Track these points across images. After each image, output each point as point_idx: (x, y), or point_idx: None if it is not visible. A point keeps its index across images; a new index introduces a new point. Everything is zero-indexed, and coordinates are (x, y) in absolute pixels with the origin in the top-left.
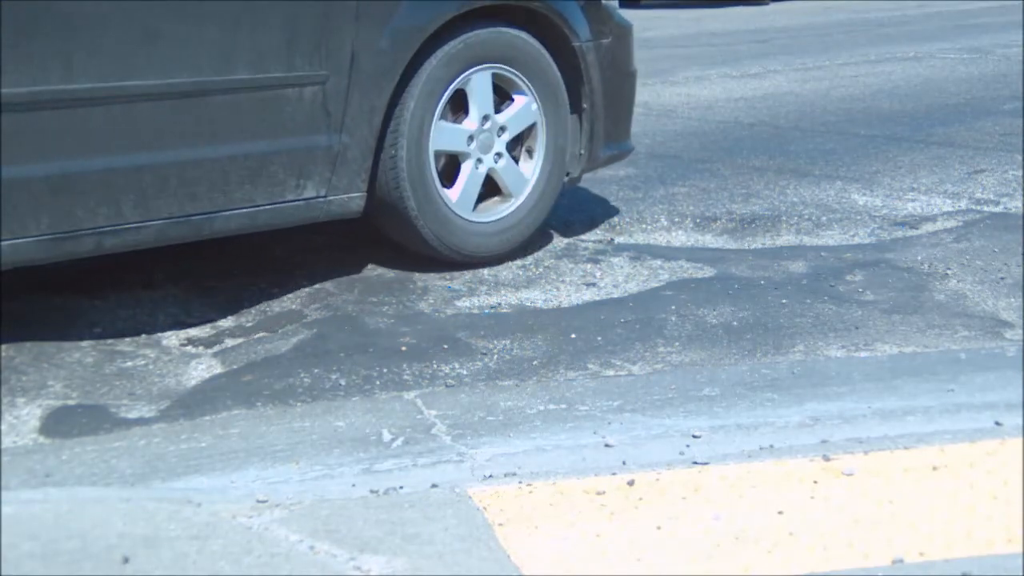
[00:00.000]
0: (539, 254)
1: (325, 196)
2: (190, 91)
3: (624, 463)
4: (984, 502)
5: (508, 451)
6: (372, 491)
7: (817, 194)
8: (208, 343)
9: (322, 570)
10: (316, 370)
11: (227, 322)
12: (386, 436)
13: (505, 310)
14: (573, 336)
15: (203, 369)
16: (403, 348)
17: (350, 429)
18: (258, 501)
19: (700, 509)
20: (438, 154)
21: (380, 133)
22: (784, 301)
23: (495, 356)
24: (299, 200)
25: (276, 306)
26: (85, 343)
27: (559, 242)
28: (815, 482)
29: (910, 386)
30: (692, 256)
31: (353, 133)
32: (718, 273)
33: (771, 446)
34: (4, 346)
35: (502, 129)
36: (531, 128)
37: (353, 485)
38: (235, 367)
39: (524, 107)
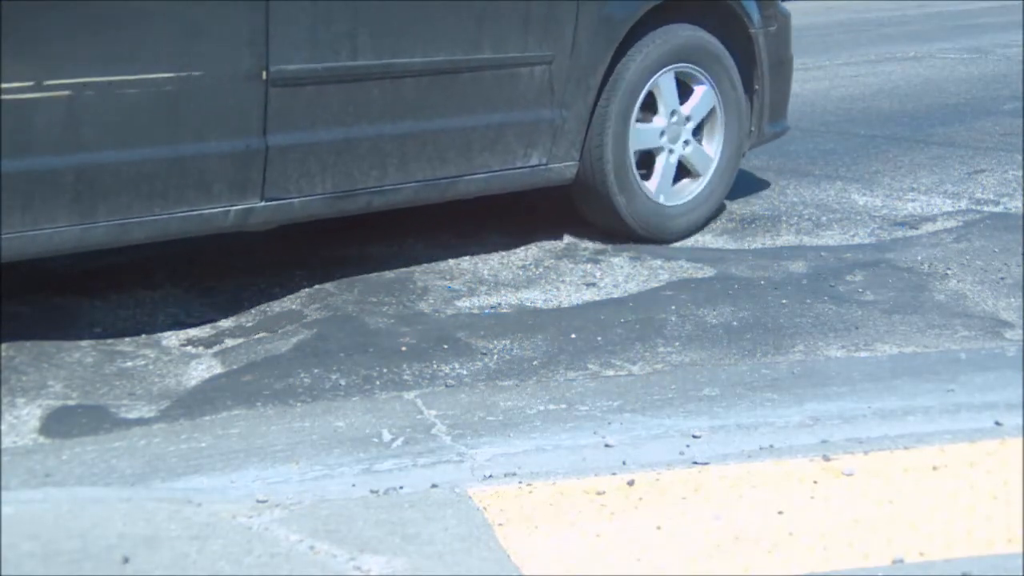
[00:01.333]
0: (539, 254)
1: (546, 164)
2: (445, 68)
3: (624, 463)
4: (984, 502)
5: (508, 451)
6: (372, 491)
7: (817, 194)
8: (208, 343)
9: (322, 570)
10: (316, 370)
11: (227, 322)
12: (386, 436)
13: (505, 310)
14: (573, 336)
15: (203, 369)
16: (403, 348)
17: (350, 429)
18: (258, 501)
19: (700, 509)
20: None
21: (592, 109)
22: (784, 301)
23: (495, 356)
24: (525, 167)
25: (276, 306)
26: (85, 343)
27: (559, 242)
28: (815, 482)
29: (910, 386)
30: (692, 256)
31: (571, 108)
32: (718, 273)
33: (771, 446)
34: (4, 346)
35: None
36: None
37: (353, 485)
38: (235, 367)
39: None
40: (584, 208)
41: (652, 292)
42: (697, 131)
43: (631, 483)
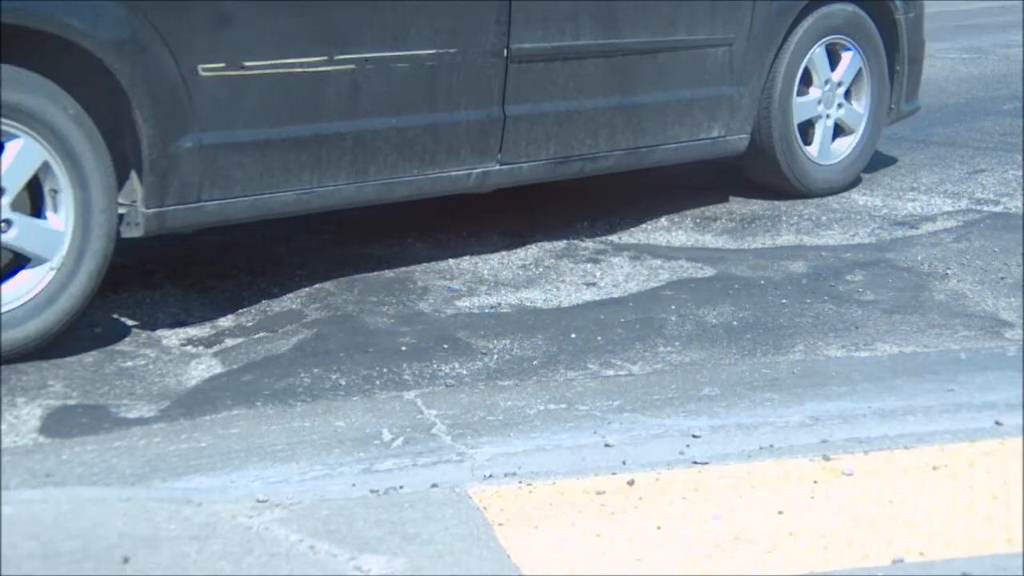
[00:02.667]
0: (539, 254)
1: (724, 136)
2: (647, 48)
3: (624, 463)
4: (984, 502)
5: (508, 451)
6: (372, 491)
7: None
8: (208, 343)
9: (322, 570)
10: (316, 370)
11: (227, 322)
12: (386, 436)
13: (505, 310)
14: (573, 336)
15: (203, 369)
16: (403, 348)
17: (350, 429)
18: (258, 501)
19: (700, 509)
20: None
21: (763, 86)
22: (784, 301)
23: (495, 356)
24: (708, 139)
25: (276, 306)
26: (85, 343)
27: (559, 242)
28: (815, 482)
29: (910, 386)
30: (692, 256)
31: (746, 85)
32: (718, 273)
33: (771, 446)
34: None
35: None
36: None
37: (353, 485)
38: (235, 367)
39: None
40: (753, 173)
41: (652, 292)
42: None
43: (631, 483)
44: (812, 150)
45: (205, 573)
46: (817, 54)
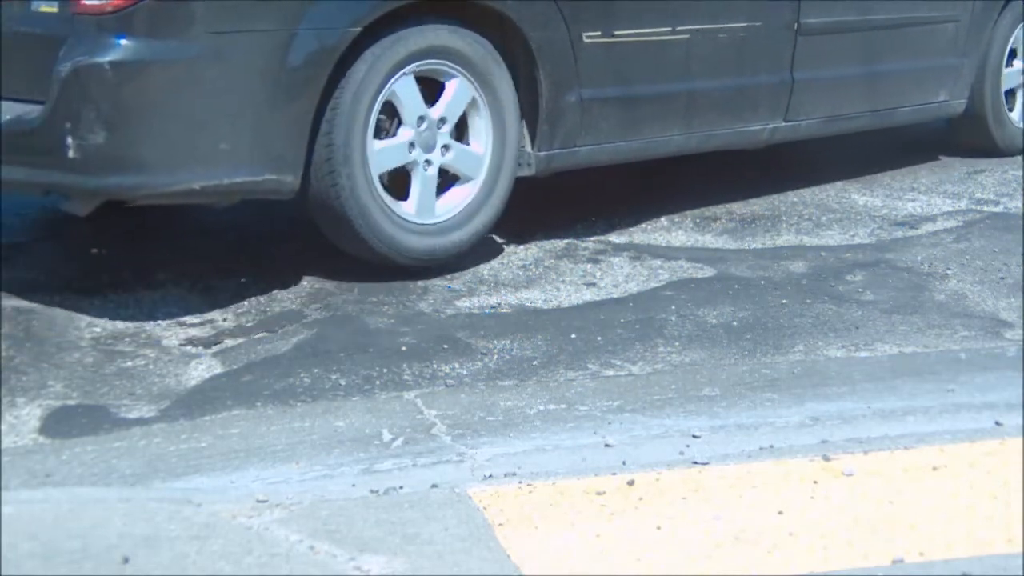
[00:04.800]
0: (539, 254)
1: (947, 101)
2: (897, 23)
3: (624, 463)
4: (984, 502)
5: (508, 451)
6: (372, 491)
7: (817, 194)
8: (208, 343)
9: (322, 570)
10: (316, 370)
11: (227, 322)
12: (386, 436)
13: (505, 310)
14: (573, 336)
15: (203, 369)
16: (403, 348)
17: (350, 429)
18: (258, 501)
19: (700, 509)
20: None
21: (981, 59)
22: (784, 301)
23: (495, 356)
24: (935, 102)
25: (276, 306)
26: (85, 343)
27: (559, 242)
28: (815, 482)
29: (910, 386)
30: (692, 256)
31: (968, 57)
32: (718, 273)
33: (771, 446)
34: (4, 346)
35: None
36: None
37: (353, 485)
38: (235, 367)
39: None
40: (962, 135)
41: (652, 292)
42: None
43: (631, 483)
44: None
45: (205, 573)
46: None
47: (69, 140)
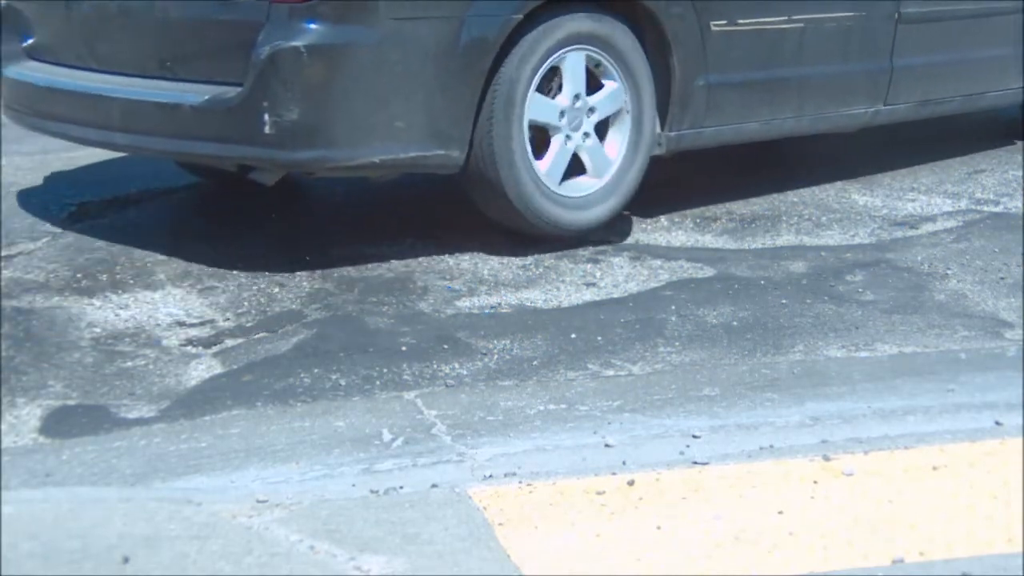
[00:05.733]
0: (539, 254)
1: (1013, 88)
2: (981, 13)
3: (624, 463)
4: (984, 502)
5: (508, 451)
6: (372, 491)
7: (817, 194)
8: (208, 343)
9: (322, 570)
10: (316, 370)
11: (227, 322)
12: (386, 436)
13: (505, 310)
14: (573, 336)
15: (203, 369)
16: (403, 348)
17: (350, 429)
18: (258, 501)
19: (700, 509)
20: None
21: None
22: (784, 301)
23: (495, 356)
24: (1011, 89)
25: (276, 306)
26: (85, 343)
27: (559, 242)
28: (815, 482)
29: (910, 386)
30: (692, 256)
31: None
32: (718, 273)
33: (771, 446)
34: (4, 346)
35: None
36: None
37: (353, 485)
38: (235, 367)
39: None
40: None
41: (652, 292)
42: None
43: (631, 483)
44: None
45: (205, 573)
46: None
47: (266, 117)
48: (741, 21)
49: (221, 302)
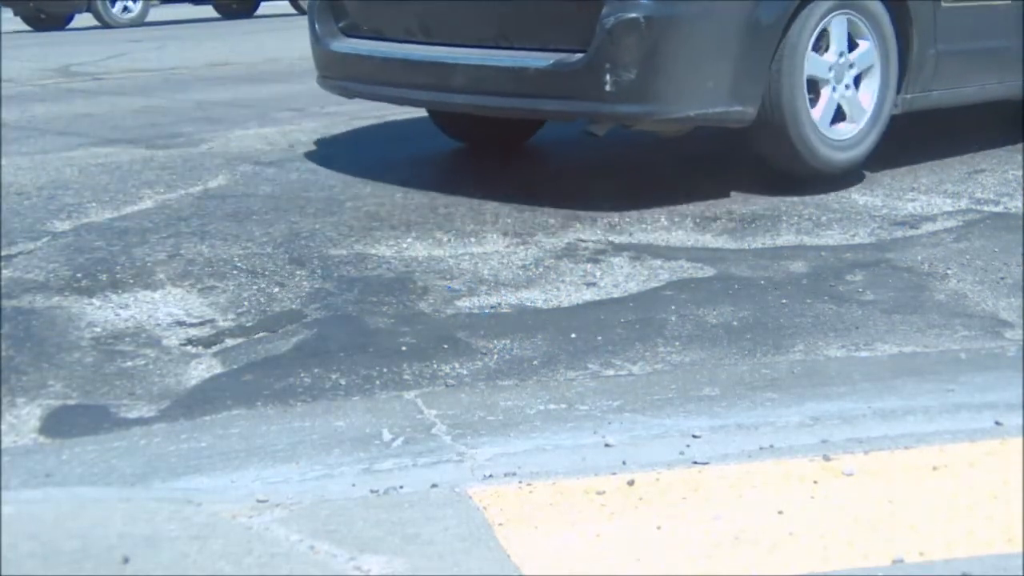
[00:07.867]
0: (539, 254)
1: None
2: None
3: (624, 463)
4: (984, 502)
5: (508, 451)
6: (372, 491)
7: (817, 194)
8: (208, 343)
9: (322, 570)
10: (316, 370)
11: (227, 322)
12: (386, 436)
13: (505, 310)
14: (573, 336)
15: (203, 369)
16: (403, 348)
17: (350, 429)
18: (258, 501)
19: (700, 509)
20: None
21: None
22: (784, 301)
23: (495, 356)
24: None
25: (276, 306)
26: (85, 343)
27: (559, 242)
28: (815, 482)
29: (910, 386)
30: (692, 256)
31: None
32: (718, 273)
33: (771, 446)
34: (4, 346)
35: None
36: None
37: (353, 485)
38: (235, 367)
39: None
40: None
41: (652, 292)
42: None
43: (631, 483)
44: None
45: (205, 573)
46: None
47: (608, 77)
48: None
49: (221, 302)
